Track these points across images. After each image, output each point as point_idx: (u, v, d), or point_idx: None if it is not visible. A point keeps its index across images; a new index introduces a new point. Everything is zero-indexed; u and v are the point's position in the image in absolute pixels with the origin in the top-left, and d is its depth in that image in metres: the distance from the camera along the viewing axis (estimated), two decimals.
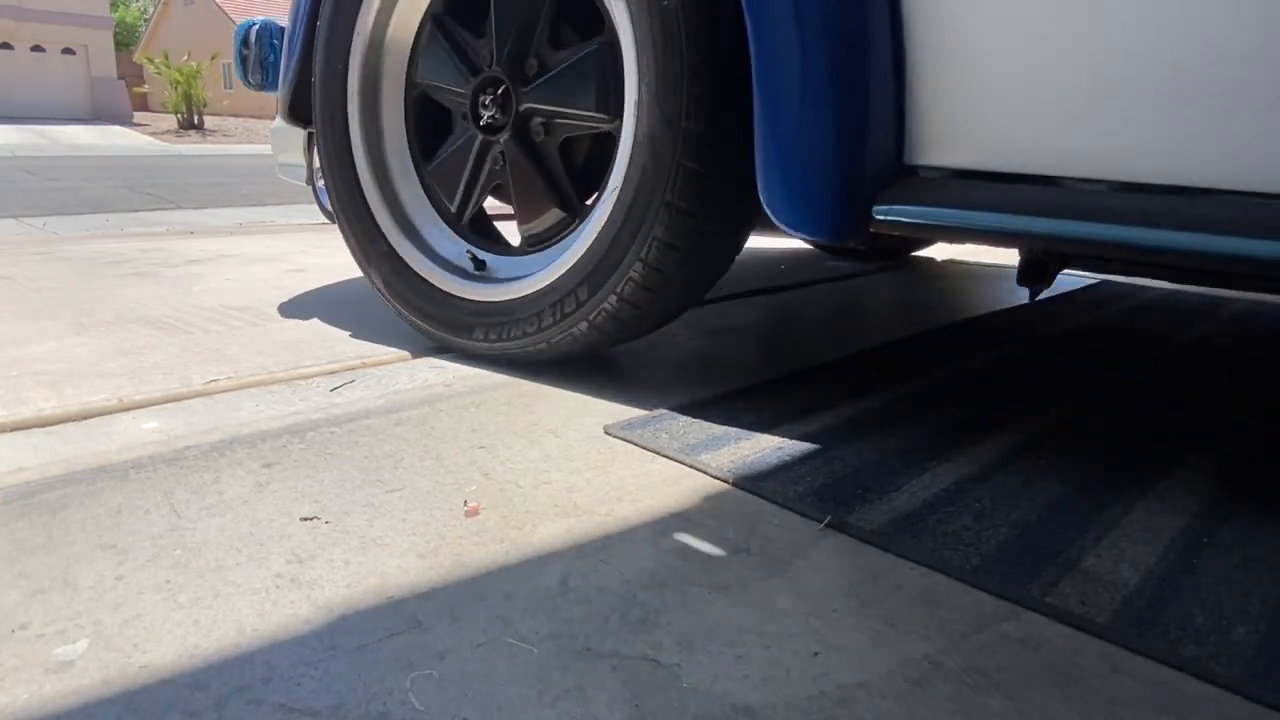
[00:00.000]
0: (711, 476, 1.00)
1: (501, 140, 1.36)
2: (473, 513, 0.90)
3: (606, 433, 1.13)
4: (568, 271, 1.23)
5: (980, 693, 0.64)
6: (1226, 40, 0.83)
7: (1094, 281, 2.44)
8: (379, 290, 1.47)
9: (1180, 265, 0.90)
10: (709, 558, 0.82)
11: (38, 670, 0.63)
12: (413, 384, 1.31)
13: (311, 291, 1.99)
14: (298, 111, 1.60)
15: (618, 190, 1.17)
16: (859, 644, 0.70)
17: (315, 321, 1.67)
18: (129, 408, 1.17)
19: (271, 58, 1.72)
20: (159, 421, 1.13)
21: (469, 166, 1.41)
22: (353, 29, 1.46)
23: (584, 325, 1.21)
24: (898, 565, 0.82)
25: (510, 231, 1.51)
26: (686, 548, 0.84)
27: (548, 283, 1.25)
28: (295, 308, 1.79)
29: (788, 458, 1.05)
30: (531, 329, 1.27)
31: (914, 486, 0.99)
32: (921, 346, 1.65)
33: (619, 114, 1.21)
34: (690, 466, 1.03)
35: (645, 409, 1.22)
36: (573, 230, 1.31)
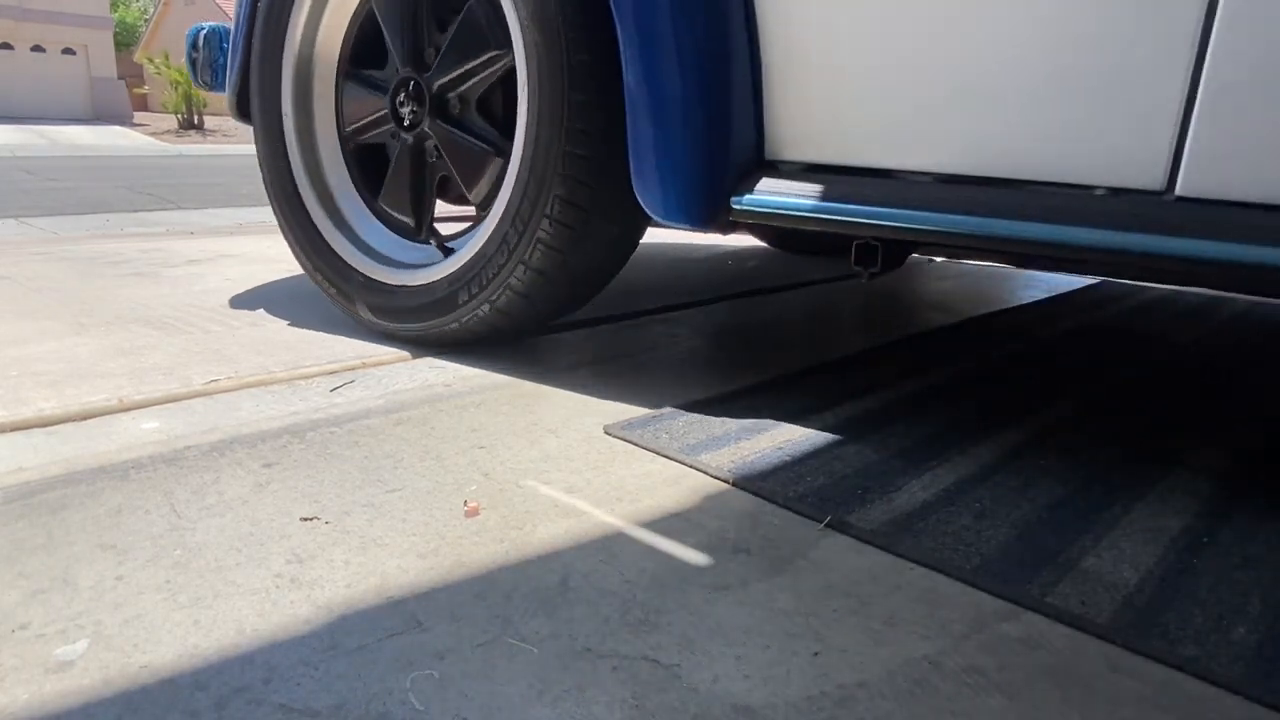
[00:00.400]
0: (712, 476, 1.00)
1: (427, 126, 1.45)
2: (473, 513, 0.90)
3: (606, 433, 1.13)
4: (514, 187, 1.28)
5: (980, 693, 0.64)
6: (1032, 50, 0.95)
7: (1094, 282, 2.44)
8: (369, 320, 1.52)
9: (988, 249, 1.02)
10: (709, 558, 0.82)
11: (38, 670, 0.63)
12: (413, 384, 1.31)
13: (312, 291, 1.99)
14: (242, 108, 1.72)
15: (526, 85, 1.24)
16: (859, 644, 0.70)
17: (315, 321, 1.67)
18: (129, 408, 1.17)
19: (220, 59, 1.83)
20: (159, 421, 1.13)
21: (410, 174, 1.50)
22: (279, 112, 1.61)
23: (546, 223, 1.24)
24: (898, 565, 0.82)
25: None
26: (686, 548, 0.84)
27: (502, 210, 1.31)
28: (295, 308, 1.79)
29: (788, 458, 1.05)
30: (504, 258, 1.30)
31: (914, 486, 0.99)
32: (921, 346, 1.65)
33: (509, 42, 1.29)
34: (690, 466, 1.03)
35: (645, 409, 1.22)
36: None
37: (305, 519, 0.88)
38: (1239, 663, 0.68)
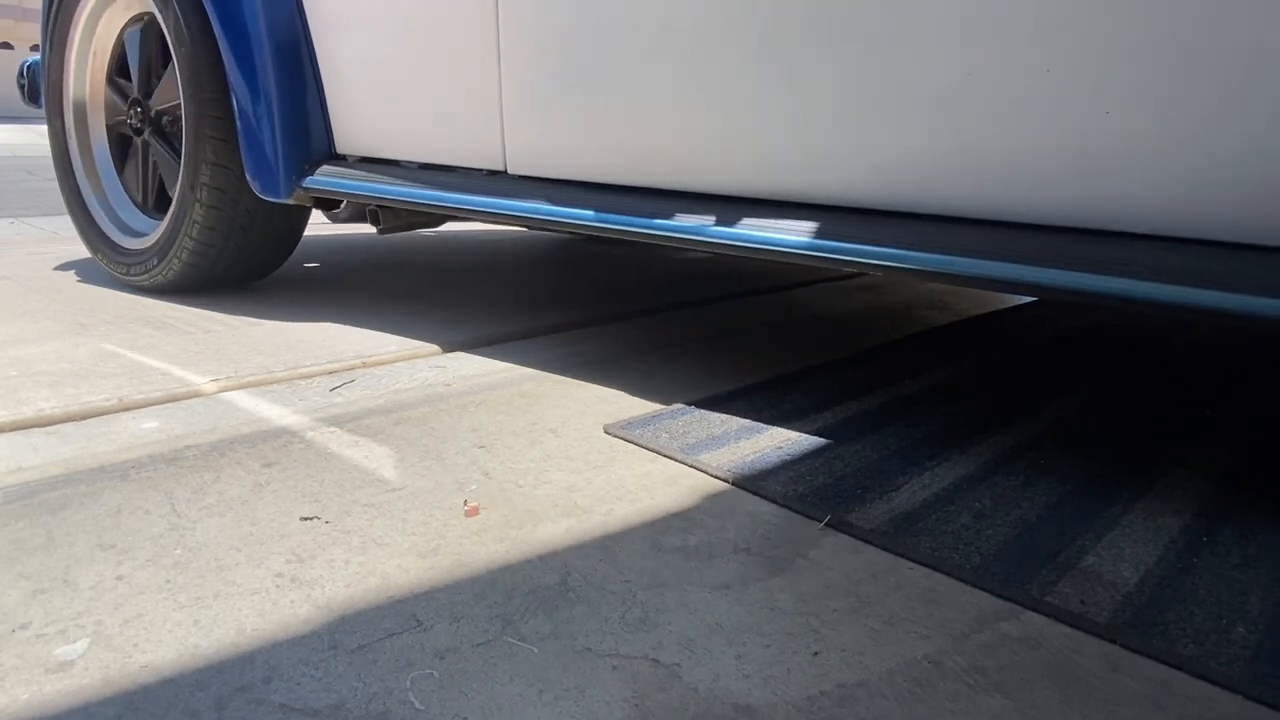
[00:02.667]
0: (711, 476, 1.00)
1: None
2: (473, 513, 0.90)
3: (606, 432, 1.13)
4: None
5: (980, 693, 0.64)
6: (442, 79, 1.47)
7: None
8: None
9: (440, 213, 1.53)
10: (709, 557, 0.83)
11: (38, 670, 0.63)
12: (413, 384, 1.31)
13: (311, 291, 1.99)
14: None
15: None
16: (859, 643, 0.70)
17: (315, 321, 1.67)
18: (129, 408, 1.17)
19: (40, 85, 2.27)
20: (159, 421, 1.13)
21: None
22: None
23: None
24: (898, 565, 0.82)
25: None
26: (686, 547, 0.84)
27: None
28: (296, 307, 1.79)
29: (788, 457, 1.05)
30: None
31: (914, 486, 0.99)
32: (922, 346, 1.65)
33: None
34: (690, 466, 1.03)
35: (645, 409, 1.22)
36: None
37: (305, 519, 0.88)
38: (1239, 662, 0.68)
